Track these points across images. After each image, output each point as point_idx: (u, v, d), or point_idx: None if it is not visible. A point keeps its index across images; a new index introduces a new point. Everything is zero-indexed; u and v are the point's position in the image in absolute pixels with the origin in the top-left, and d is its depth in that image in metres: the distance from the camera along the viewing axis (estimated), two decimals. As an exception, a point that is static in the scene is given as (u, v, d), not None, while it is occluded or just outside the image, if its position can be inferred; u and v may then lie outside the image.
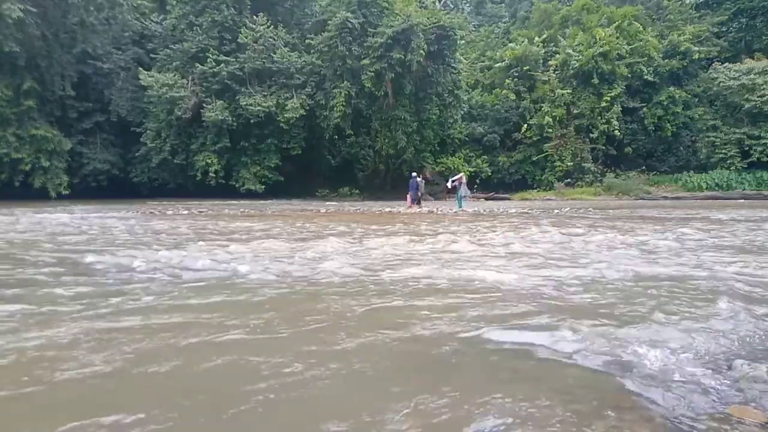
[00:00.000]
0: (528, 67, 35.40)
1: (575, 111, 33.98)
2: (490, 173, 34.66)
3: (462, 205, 19.84)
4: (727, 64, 34.87)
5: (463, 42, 38.86)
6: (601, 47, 32.85)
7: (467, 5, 52.72)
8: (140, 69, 30.77)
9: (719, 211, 16.05)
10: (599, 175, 33.50)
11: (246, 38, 30.77)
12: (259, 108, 29.51)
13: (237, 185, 31.15)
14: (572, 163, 33.45)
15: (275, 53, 31.04)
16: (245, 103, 29.80)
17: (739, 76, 33.32)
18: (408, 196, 21.02)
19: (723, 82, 33.75)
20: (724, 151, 32.91)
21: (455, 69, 32.49)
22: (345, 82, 29.91)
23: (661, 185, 32.33)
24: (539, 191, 33.04)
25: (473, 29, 46.61)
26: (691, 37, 35.18)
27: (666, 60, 34.55)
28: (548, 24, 39.49)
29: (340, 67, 30.08)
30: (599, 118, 33.43)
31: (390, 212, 17.32)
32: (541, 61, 35.90)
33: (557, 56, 34.80)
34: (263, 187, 31.14)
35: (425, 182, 26.45)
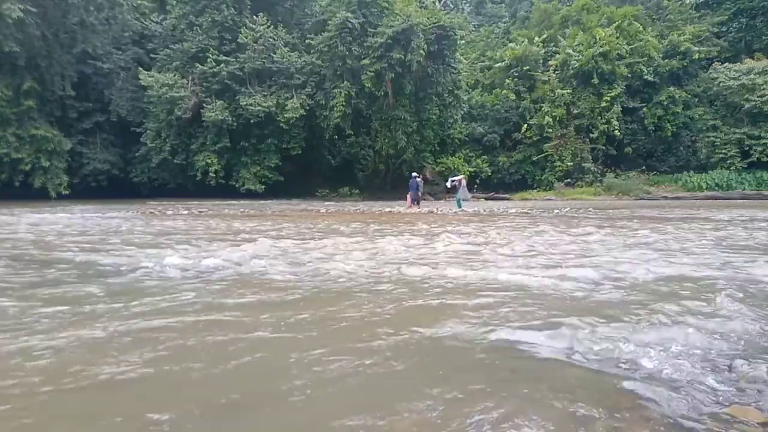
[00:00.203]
0: (528, 67, 35.40)
1: (575, 111, 33.98)
2: (490, 173, 34.66)
3: (462, 206, 19.83)
4: (727, 64, 34.86)
5: (463, 42, 38.86)
6: (601, 47, 32.84)
7: (467, 5, 52.72)
8: (140, 69, 30.78)
9: (721, 211, 16.03)
10: (599, 175, 33.49)
11: (246, 38, 30.78)
12: (259, 108, 29.52)
13: (237, 185, 31.16)
14: (572, 163, 33.45)
15: (275, 53, 31.05)
16: (245, 103, 29.81)
17: (739, 76, 33.32)
18: (408, 196, 21.02)
19: (723, 82, 33.74)
20: (724, 151, 32.90)
21: (455, 69, 32.49)
22: (345, 82, 29.91)
23: (661, 185, 32.32)
24: (539, 191, 33.03)
25: (473, 29, 46.62)
26: (691, 37, 35.18)
27: (666, 60, 34.55)
28: (548, 24, 39.50)
29: (340, 67, 30.09)
30: (599, 118, 33.43)
31: (390, 212, 17.32)
32: (541, 61, 35.90)
33: (557, 56, 34.79)
34: (263, 187, 31.15)
35: (424, 182, 26.47)
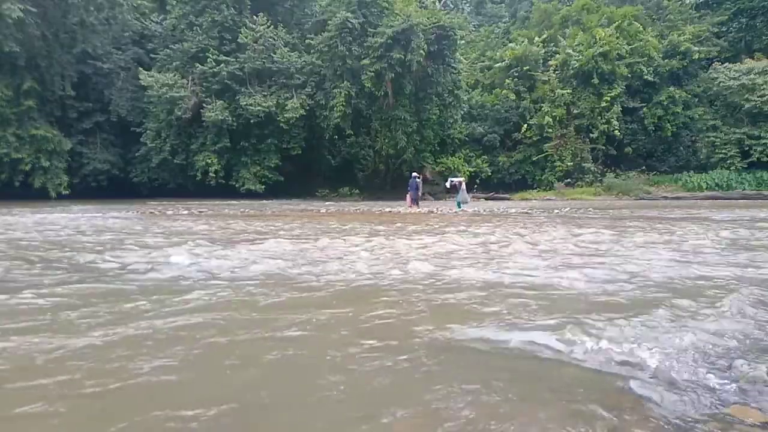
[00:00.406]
0: (528, 67, 35.41)
1: (575, 111, 33.98)
2: (490, 173, 34.67)
3: (461, 206, 19.83)
4: (727, 64, 34.87)
5: (463, 42, 38.87)
6: (601, 47, 32.85)
7: (467, 5, 52.73)
8: (140, 69, 30.79)
9: (722, 212, 16.01)
10: (599, 175, 33.50)
11: (246, 38, 30.78)
12: (259, 108, 29.52)
13: (237, 185, 31.16)
14: (572, 163, 33.45)
15: (275, 53, 31.05)
16: (245, 103, 29.81)
17: (739, 76, 33.32)
18: (408, 196, 21.00)
19: (723, 82, 33.74)
20: (724, 151, 32.91)
21: (455, 69, 32.49)
22: (345, 82, 29.91)
23: (661, 185, 32.33)
24: (539, 191, 33.04)
25: (473, 29, 46.62)
26: (691, 37, 35.18)
27: (666, 60, 34.55)
28: (548, 24, 39.50)
29: (340, 67, 30.09)
30: (599, 118, 33.43)
31: (391, 212, 17.31)
32: (541, 61, 35.91)
33: (557, 56, 34.80)
34: (263, 187, 31.15)
35: (424, 182, 26.48)
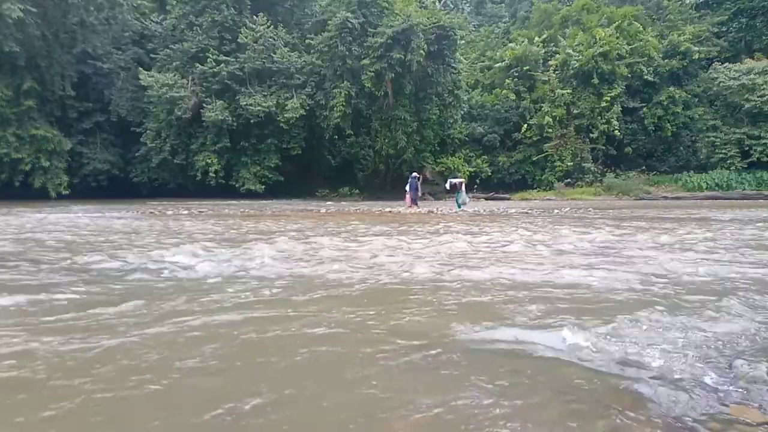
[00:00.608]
0: (528, 67, 35.41)
1: (575, 111, 33.98)
2: (490, 173, 34.67)
3: (461, 207, 19.82)
4: (727, 64, 34.87)
5: (463, 42, 38.86)
6: (601, 47, 32.85)
7: (467, 5, 52.73)
8: (140, 69, 30.79)
9: (725, 212, 15.99)
10: (599, 175, 33.50)
11: (246, 38, 30.79)
12: (259, 108, 29.52)
13: (237, 185, 31.17)
14: (572, 163, 33.46)
15: (275, 53, 31.05)
16: (245, 103, 29.81)
17: (739, 76, 33.32)
18: (408, 196, 20.99)
19: (723, 82, 33.75)
20: (724, 151, 32.91)
21: (455, 69, 32.49)
22: (345, 82, 29.91)
23: (661, 185, 32.33)
24: (539, 191, 33.04)
25: (473, 29, 46.62)
26: (691, 37, 35.18)
27: (666, 60, 34.55)
28: (548, 24, 39.51)
29: (340, 67, 30.09)
30: (599, 118, 33.43)
31: (393, 212, 17.29)
32: (541, 61, 35.91)
33: (557, 56, 34.80)
34: (263, 187, 31.15)
35: (423, 182, 26.48)
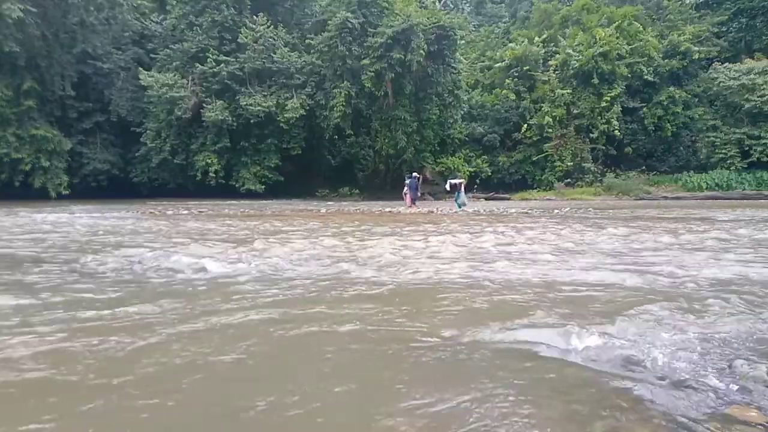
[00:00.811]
0: (528, 67, 35.40)
1: (575, 111, 33.98)
2: (490, 173, 34.67)
3: (461, 207, 19.81)
4: (727, 64, 34.86)
5: (463, 42, 38.86)
6: (601, 47, 32.84)
7: (467, 5, 52.72)
8: (140, 69, 30.80)
9: (726, 212, 15.97)
10: (599, 175, 33.50)
11: (246, 38, 30.78)
12: (259, 108, 29.52)
13: (237, 185, 31.17)
14: (572, 163, 33.45)
15: (275, 53, 31.06)
16: (245, 103, 29.81)
17: (739, 76, 33.32)
18: (408, 196, 20.99)
19: (723, 82, 33.74)
20: (724, 151, 32.91)
21: (455, 69, 32.49)
22: (345, 82, 29.91)
23: (661, 185, 32.33)
24: (539, 191, 33.03)
25: (473, 29, 46.62)
26: (691, 37, 35.18)
27: (666, 60, 34.55)
28: (548, 24, 39.50)
29: (340, 67, 30.09)
30: (599, 118, 33.43)
31: (391, 212, 17.29)
32: (541, 61, 35.90)
33: (557, 56, 34.79)
34: (263, 187, 31.15)
35: (423, 182, 26.48)
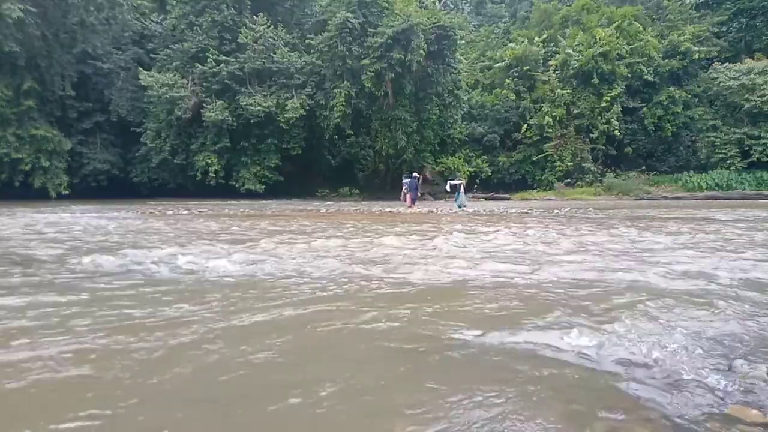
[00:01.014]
0: (528, 67, 35.40)
1: (575, 111, 33.98)
2: (490, 173, 34.67)
3: (461, 207, 19.81)
4: (727, 64, 34.87)
5: (463, 42, 38.85)
6: (601, 47, 32.84)
7: (467, 5, 52.72)
8: (140, 69, 30.78)
9: (728, 212, 15.95)
10: (599, 175, 33.50)
11: (246, 38, 30.78)
12: (259, 108, 29.51)
13: (237, 185, 31.16)
14: (572, 163, 33.45)
15: (275, 53, 31.05)
16: (245, 103, 29.81)
17: (739, 76, 33.32)
18: (408, 196, 20.99)
19: (723, 82, 33.74)
20: (724, 151, 32.91)
21: (455, 69, 32.47)
22: (345, 82, 29.90)
23: (661, 185, 32.33)
24: (539, 191, 33.03)
25: (473, 29, 46.61)
26: (691, 37, 35.18)
27: (666, 60, 34.55)
28: (548, 24, 39.50)
29: (340, 67, 30.08)
30: (599, 118, 33.43)
31: (391, 212, 17.29)
32: (541, 61, 35.90)
33: (557, 56, 34.79)
34: (263, 187, 31.15)
35: (423, 182, 26.49)
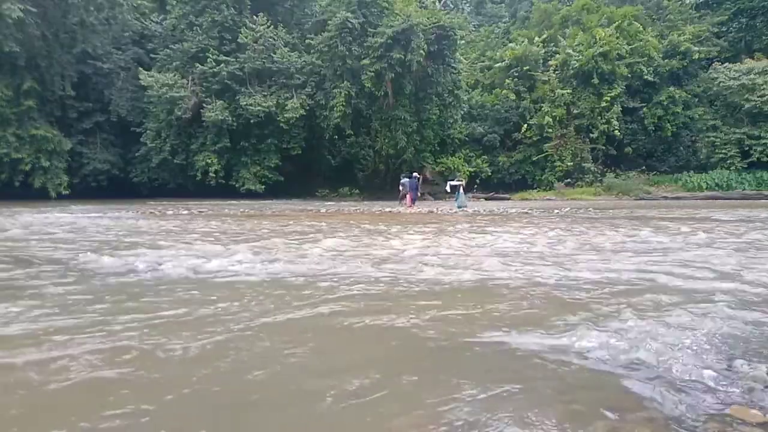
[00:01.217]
0: (528, 67, 35.36)
1: (575, 111, 33.95)
2: (490, 173, 34.63)
3: (460, 208, 19.79)
4: (727, 64, 34.82)
5: (463, 42, 38.82)
6: (601, 47, 32.81)
7: (467, 5, 52.70)
8: (140, 69, 30.75)
9: (726, 212, 15.98)
10: (599, 175, 33.46)
11: (246, 38, 30.76)
12: (259, 108, 29.49)
13: (237, 185, 31.14)
14: (572, 163, 33.42)
15: (275, 53, 31.03)
16: (245, 103, 29.79)
17: (739, 76, 33.28)
18: (408, 196, 20.98)
19: (723, 82, 33.71)
20: (724, 151, 32.87)
21: (455, 69, 32.44)
22: (345, 82, 29.89)
23: (661, 185, 32.30)
24: (539, 191, 33.00)
25: (473, 29, 46.58)
26: (691, 37, 35.14)
27: (666, 60, 34.51)
28: (548, 24, 39.46)
29: (340, 67, 30.06)
30: (599, 118, 33.40)
31: (391, 212, 17.29)
32: (541, 61, 35.87)
33: (557, 56, 34.75)
34: (263, 187, 31.12)
35: (423, 182, 26.49)
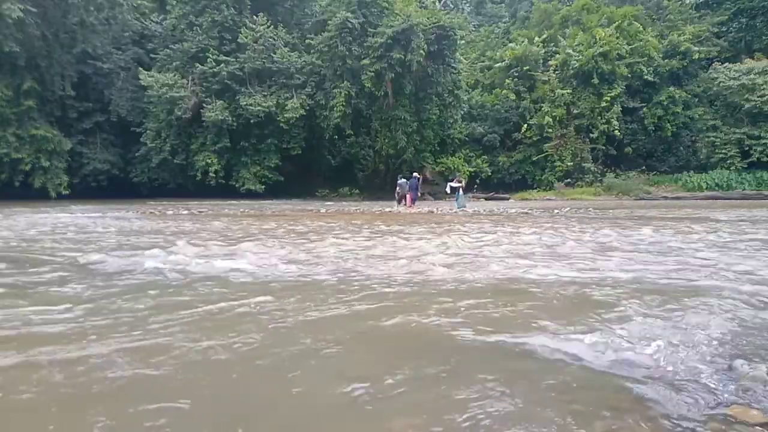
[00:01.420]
0: (528, 67, 35.37)
1: (575, 111, 33.95)
2: (490, 173, 34.64)
3: (460, 208, 19.78)
4: (727, 64, 34.82)
5: (463, 42, 38.83)
6: (601, 47, 32.81)
7: (467, 5, 52.70)
8: (140, 69, 30.76)
9: (727, 212, 15.99)
10: (599, 175, 33.46)
11: (246, 38, 30.77)
12: (259, 108, 29.50)
13: (237, 185, 31.15)
14: (572, 163, 33.42)
15: (275, 53, 31.04)
16: (245, 103, 29.80)
17: (739, 76, 33.27)
18: (408, 196, 20.96)
19: (723, 82, 33.71)
20: (724, 151, 32.87)
21: (455, 69, 32.45)
22: (345, 82, 29.89)
23: (661, 185, 32.29)
24: (539, 191, 32.99)
25: (473, 29, 46.58)
26: (691, 37, 35.14)
27: (666, 60, 34.51)
28: (548, 24, 39.47)
29: (340, 67, 30.07)
30: (599, 118, 33.39)
31: (390, 212, 17.30)
32: (541, 61, 35.87)
33: (557, 56, 34.75)
34: (263, 187, 31.13)
35: (423, 182, 26.48)
